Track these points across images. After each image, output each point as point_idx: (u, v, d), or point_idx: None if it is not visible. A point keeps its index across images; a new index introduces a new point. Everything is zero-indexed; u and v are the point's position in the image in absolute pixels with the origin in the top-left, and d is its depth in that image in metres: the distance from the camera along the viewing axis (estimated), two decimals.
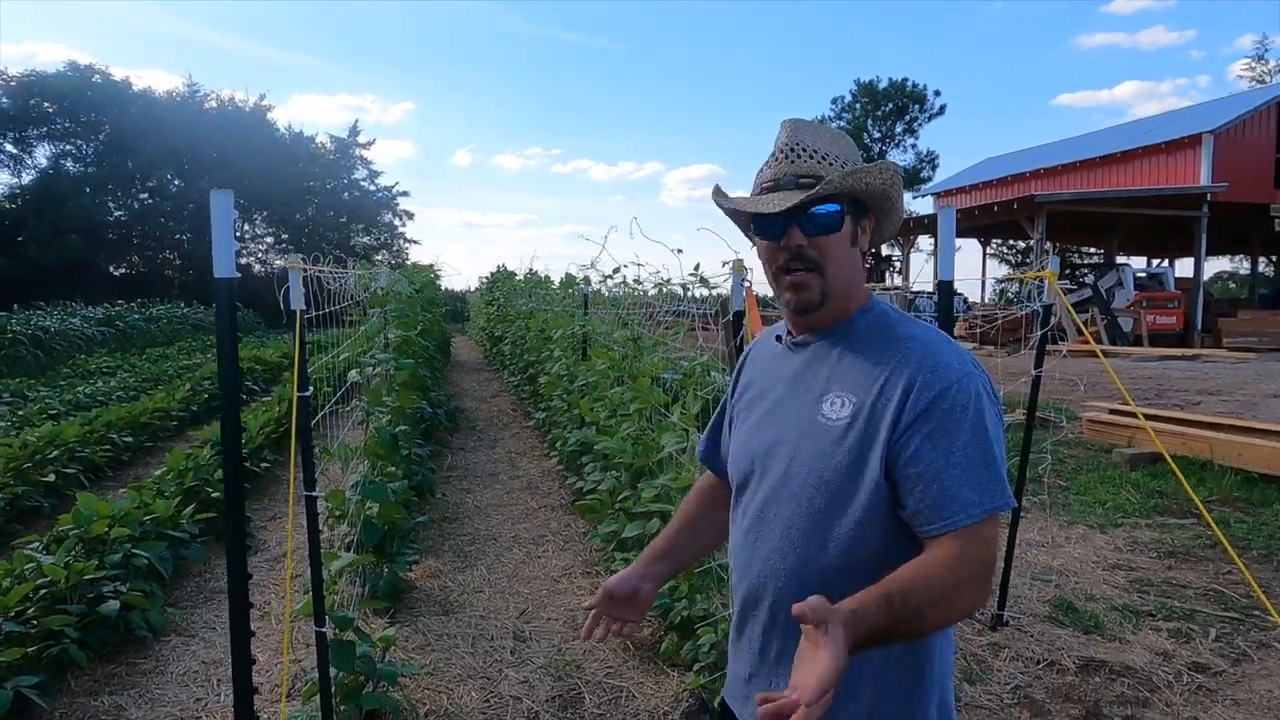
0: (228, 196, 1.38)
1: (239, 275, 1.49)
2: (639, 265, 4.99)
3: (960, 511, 1.11)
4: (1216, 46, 78.86)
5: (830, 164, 1.23)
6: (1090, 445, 7.40)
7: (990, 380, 1.22)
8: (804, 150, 1.24)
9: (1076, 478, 6.42)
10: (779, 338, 1.37)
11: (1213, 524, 2.85)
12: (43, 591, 3.41)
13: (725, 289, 2.93)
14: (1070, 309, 2.96)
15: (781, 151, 1.26)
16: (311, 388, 2.53)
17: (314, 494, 2.53)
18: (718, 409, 1.57)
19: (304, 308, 2.51)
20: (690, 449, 3.63)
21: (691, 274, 3.52)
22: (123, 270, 34.02)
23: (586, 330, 6.21)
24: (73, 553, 3.79)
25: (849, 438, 1.18)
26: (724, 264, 2.90)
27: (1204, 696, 3.25)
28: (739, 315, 2.76)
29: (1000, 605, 3.88)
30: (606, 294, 5.85)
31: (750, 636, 1.32)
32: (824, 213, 1.22)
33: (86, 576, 3.52)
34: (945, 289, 1.79)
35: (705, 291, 3.34)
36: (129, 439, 7.35)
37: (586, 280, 6.34)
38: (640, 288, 4.56)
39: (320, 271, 2.78)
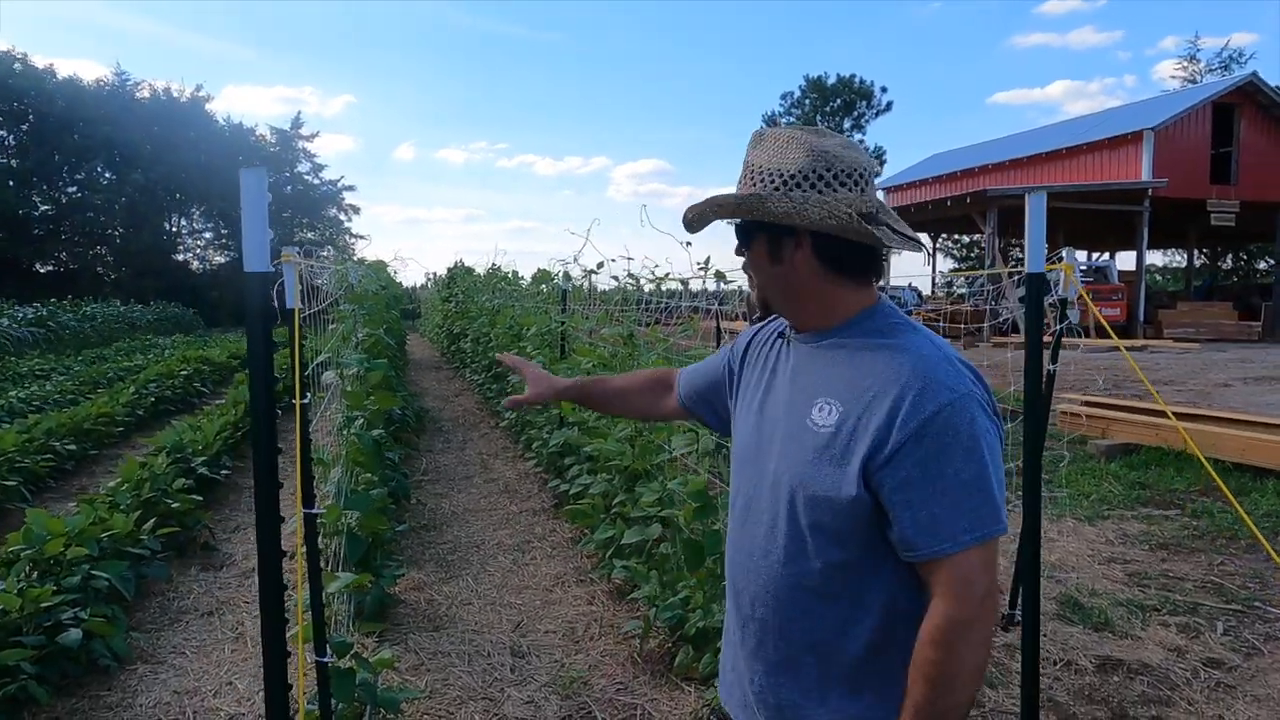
0: (260, 174, 1.15)
1: (271, 270, 1.26)
2: (629, 259, 4.80)
3: (949, 540, 1.09)
4: (1141, 47, 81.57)
5: (756, 183, 1.24)
6: (1064, 437, 7.47)
7: (991, 397, 1.19)
8: (746, 166, 1.27)
9: (1057, 470, 6.45)
10: (783, 333, 1.37)
11: (1245, 517, 2.79)
12: None
13: (742, 284, 2.77)
14: (1091, 304, 2.87)
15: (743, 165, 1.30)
16: (310, 395, 2.30)
17: (314, 511, 2.30)
18: (715, 359, 1.59)
19: (300, 305, 2.27)
20: (699, 451, 3.47)
21: (700, 266, 3.35)
22: (50, 267, 32.39)
23: (566, 328, 6.00)
24: (24, 577, 3.45)
25: (833, 447, 1.17)
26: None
27: (1224, 693, 3.21)
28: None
29: (1011, 605, 3.81)
30: (588, 289, 5.64)
31: (731, 628, 1.36)
32: (737, 232, 1.29)
33: (43, 604, 3.20)
34: (1035, 282, 1.66)
35: (715, 285, 3.18)
36: (71, 447, 6.88)
37: (565, 275, 6.12)
38: (632, 282, 4.37)
39: (312, 266, 2.53)
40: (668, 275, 4.01)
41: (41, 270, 31.93)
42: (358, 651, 2.97)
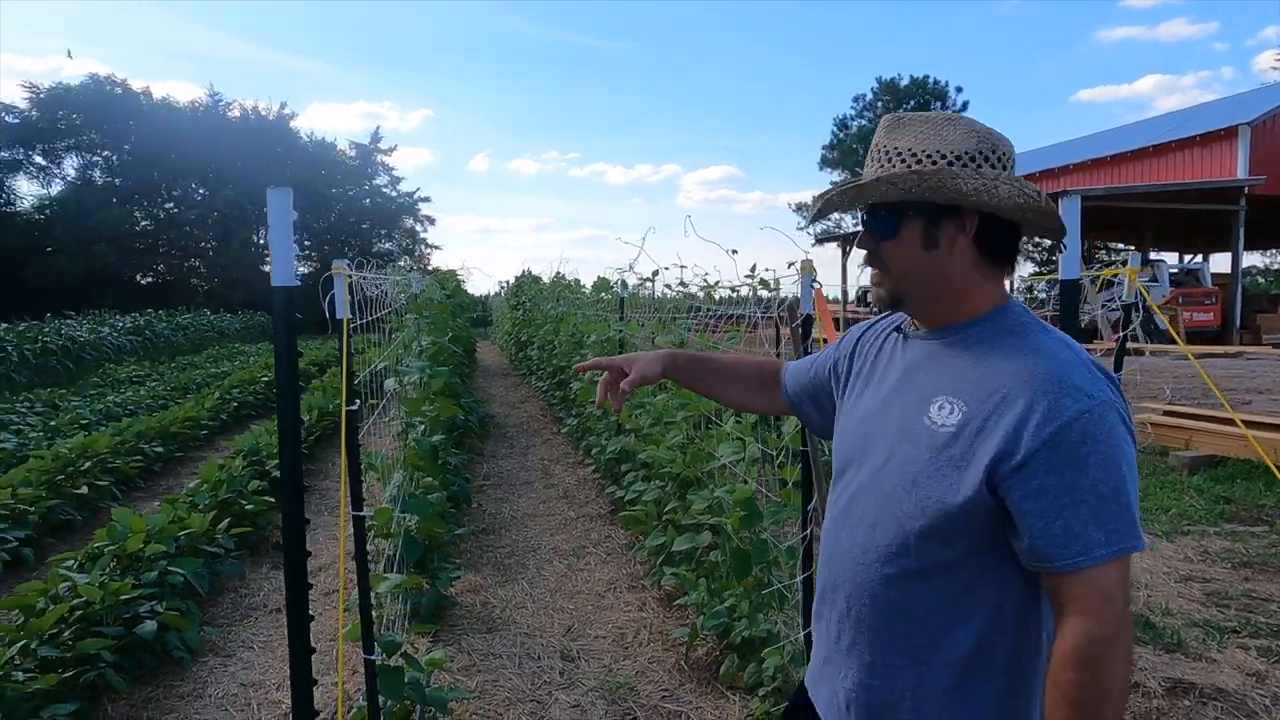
0: (286, 194, 1.22)
1: (299, 283, 1.33)
2: (681, 267, 4.82)
3: (1084, 553, 1.04)
4: (1239, 38, 77.36)
5: (895, 165, 1.18)
6: (1144, 449, 7.14)
7: (1128, 408, 1.12)
8: (883, 151, 1.20)
9: None
10: (899, 328, 1.32)
11: None
12: (78, 613, 3.29)
13: (791, 290, 2.76)
14: (1153, 305, 2.75)
15: (869, 154, 1.24)
16: (359, 401, 2.39)
17: (362, 514, 2.38)
18: (822, 355, 1.55)
19: (350, 315, 2.37)
20: (746, 460, 3.46)
21: (748, 275, 3.35)
22: (149, 279, 34.34)
23: (623, 335, 6.05)
24: (107, 571, 3.67)
25: (952, 447, 1.12)
26: (789, 265, 2.73)
27: None
28: (808, 319, 2.59)
29: None
30: (645, 296, 5.68)
31: (828, 621, 1.32)
32: (879, 220, 1.20)
33: (123, 596, 3.40)
34: (1069, 290, 1.61)
35: (766, 293, 3.16)
36: (159, 449, 7.28)
37: (623, 283, 6.17)
38: (685, 289, 4.39)
39: (364, 278, 2.63)
40: (717, 284, 4.01)
41: (142, 282, 33.86)
42: (409, 651, 3.07)
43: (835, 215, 23.40)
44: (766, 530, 3.24)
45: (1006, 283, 1.28)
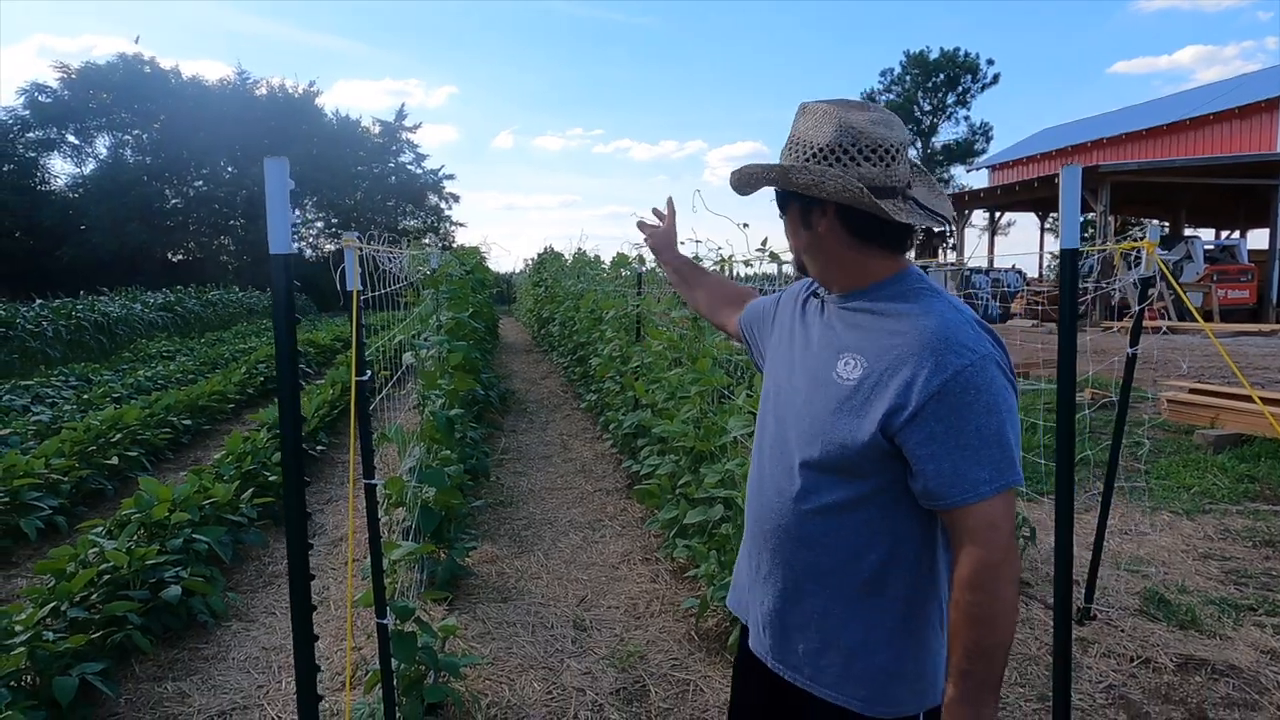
0: (282, 164, 1.24)
1: (295, 252, 1.36)
2: (696, 241, 4.81)
3: (971, 489, 1.19)
4: None
5: (793, 153, 1.33)
6: (1169, 427, 7.04)
7: (1009, 360, 1.27)
8: (790, 138, 1.36)
9: (1156, 461, 6.09)
10: (818, 293, 1.46)
11: None
12: (106, 577, 3.40)
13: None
14: (1173, 280, 2.72)
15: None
16: (370, 371, 2.43)
17: (373, 481, 2.44)
18: (770, 299, 1.71)
19: (360, 288, 2.40)
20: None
21: (759, 249, 3.34)
22: (180, 256, 34.83)
23: (640, 310, 6.06)
24: (135, 537, 3.78)
25: (854, 398, 1.27)
26: None
27: None
28: None
29: (1087, 598, 3.66)
30: (661, 273, 5.68)
31: (749, 552, 1.49)
32: (778, 198, 1.41)
33: (149, 562, 3.51)
34: (1069, 259, 1.60)
35: (775, 268, 3.16)
36: (188, 422, 7.44)
37: (640, 259, 6.17)
38: (701, 264, 4.38)
39: (376, 251, 2.66)
40: (731, 257, 4.00)
41: (173, 259, 34.35)
42: (423, 618, 3.13)
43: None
44: None
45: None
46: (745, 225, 3.18)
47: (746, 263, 3.75)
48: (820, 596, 1.34)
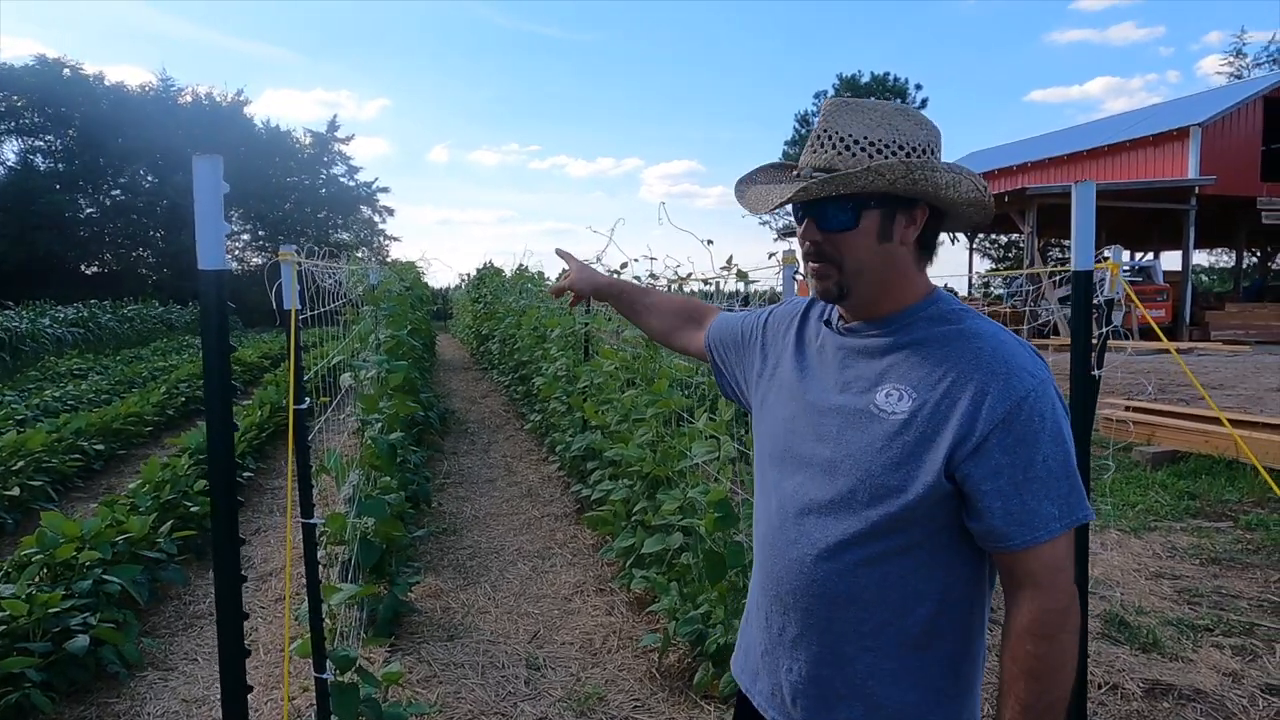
0: (214, 163, 1.04)
1: (228, 269, 1.16)
2: (651, 259, 4.67)
3: (1041, 528, 1.07)
4: (1185, 43, 79.73)
5: (855, 154, 1.13)
6: (1107, 444, 7.17)
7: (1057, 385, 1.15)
8: (832, 138, 1.15)
9: (1100, 479, 6.18)
10: (827, 321, 1.29)
11: None
12: (1, 628, 3.04)
13: (769, 283, 2.62)
14: (1137, 301, 2.69)
15: (813, 137, 1.18)
16: (308, 399, 2.20)
17: (312, 521, 2.20)
18: (747, 318, 1.51)
19: (299, 306, 2.17)
20: (723, 459, 3.32)
21: (724, 267, 3.20)
22: (95, 269, 33.11)
23: (589, 329, 5.88)
24: (35, 581, 3.41)
25: (906, 434, 1.11)
26: (769, 255, 2.60)
27: None
28: None
29: None
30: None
31: (768, 613, 1.28)
32: (834, 210, 1.15)
33: (52, 609, 3.15)
34: (1082, 281, 1.50)
35: (741, 286, 3.03)
36: (100, 447, 6.93)
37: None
38: (656, 281, 4.23)
39: (315, 266, 2.43)
40: (690, 275, 3.87)
41: (87, 271, 32.64)
42: (364, 664, 2.88)
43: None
44: (741, 533, 3.11)
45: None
46: (710, 241, 3.02)
47: (706, 281, 3.61)
48: (865, 659, 1.18)
